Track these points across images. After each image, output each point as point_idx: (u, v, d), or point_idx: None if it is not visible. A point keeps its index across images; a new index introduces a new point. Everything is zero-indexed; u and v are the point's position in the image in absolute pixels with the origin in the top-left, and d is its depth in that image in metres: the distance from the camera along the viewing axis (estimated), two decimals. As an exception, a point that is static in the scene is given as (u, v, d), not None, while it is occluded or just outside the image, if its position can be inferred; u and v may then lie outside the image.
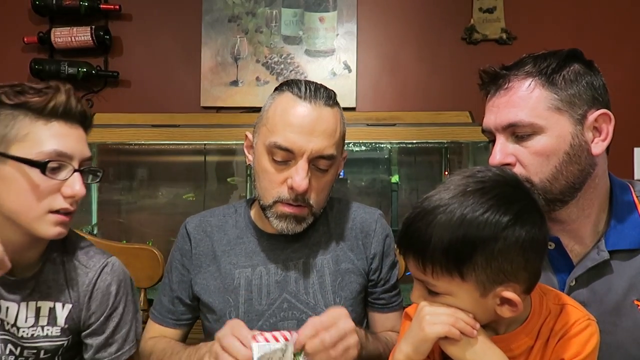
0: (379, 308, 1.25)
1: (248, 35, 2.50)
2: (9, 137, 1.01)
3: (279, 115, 1.12)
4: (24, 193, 1.01)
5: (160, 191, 2.50)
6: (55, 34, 2.44)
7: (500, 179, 0.87)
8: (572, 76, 1.01)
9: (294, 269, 1.18)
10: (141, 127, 2.18)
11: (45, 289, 1.10)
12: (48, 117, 1.03)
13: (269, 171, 1.13)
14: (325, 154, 1.11)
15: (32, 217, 1.02)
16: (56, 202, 1.03)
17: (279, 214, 1.14)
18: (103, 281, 1.13)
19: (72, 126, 1.05)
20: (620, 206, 1.06)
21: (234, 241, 1.22)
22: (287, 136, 1.10)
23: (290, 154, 1.10)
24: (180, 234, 1.28)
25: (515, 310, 0.85)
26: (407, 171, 2.48)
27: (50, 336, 1.10)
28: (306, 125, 1.10)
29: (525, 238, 0.82)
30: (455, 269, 0.83)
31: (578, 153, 1.00)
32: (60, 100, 1.03)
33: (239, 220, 1.25)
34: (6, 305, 1.07)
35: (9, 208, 1.02)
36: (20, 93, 1.02)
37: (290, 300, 1.15)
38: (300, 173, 1.09)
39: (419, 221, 0.85)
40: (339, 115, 1.17)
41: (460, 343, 0.86)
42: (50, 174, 1.01)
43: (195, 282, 1.21)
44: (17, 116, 1.01)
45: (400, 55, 2.51)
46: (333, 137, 1.13)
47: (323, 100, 1.13)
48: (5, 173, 1.01)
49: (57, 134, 1.03)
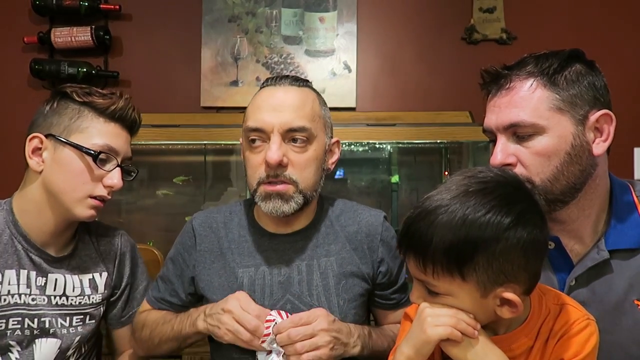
0: (391, 307, 1.26)
1: (248, 35, 2.50)
2: (72, 127, 1.19)
3: (251, 105, 1.20)
4: (73, 175, 1.19)
5: (160, 191, 2.50)
6: (55, 34, 2.43)
7: (502, 180, 0.87)
8: (574, 76, 1.01)
9: (297, 270, 1.18)
10: (141, 127, 2.17)
11: (82, 264, 1.28)
12: (107, 118, 1.22)
13: (249, 157, 1.17)
14: (294, 126, 1.14)
15: (75, 197, 1.19)
16: (97, 189, 1.20)
17: (263, 195, 1.15)
18: (126, 246, 1.36)
19: (123, 129, 1.25)
20: (620, 206, 1.06)
21: (237, 239, 1.22)
22: (256, 117, 1.15)
23: (263, 133, 1.14)
24: (185, 228, 1.29)
25: (515, 311, 0.85)
26: (407, 171, 2.48)
27: (95, 303, 1.28)
28: (272, 103, 1.15)
29: (527, 239, 0.82)
30: (456, 269, 0.83)
31: (579, 153, 1.00)
32: (120, 105, 1.23)
33: (242, 218, 1.26)
34: (54, 277, 1.23)
35: (57, 187, 1.19)
36: (88, 94, 1.21)
37: (293, 301, 1.15)
38: (272, 147, 1.12)
39: (420, 221, 0.85)
40: (309, 94, 1.20)
41: (461, 344, 0.86)
42: (99, 163, 1.19)
43: (200, 278, 1.21)
44: (83, 111, 1.21)
45: (400, 55, 2.51)
46: (302, 109, 1.16)
47: (289, 81, 1.19)
48: (62, 156, 1.19)
49: (111, 133, 1.22)
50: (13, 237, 1.20)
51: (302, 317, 1.08)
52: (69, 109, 1.20)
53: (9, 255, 1.19)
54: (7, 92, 2.51)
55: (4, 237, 1.20)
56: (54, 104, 1.22)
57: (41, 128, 1.20)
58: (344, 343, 1.10)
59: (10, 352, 1.18)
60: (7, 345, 1.17)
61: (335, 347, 1.08)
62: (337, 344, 1.09)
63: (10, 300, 1.18)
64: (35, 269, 1.21)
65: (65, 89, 1.22)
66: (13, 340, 1.18)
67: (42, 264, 1.22)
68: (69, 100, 1.21)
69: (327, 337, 1.07)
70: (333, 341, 1.08)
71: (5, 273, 1.18)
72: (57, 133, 1.19)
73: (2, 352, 1.18)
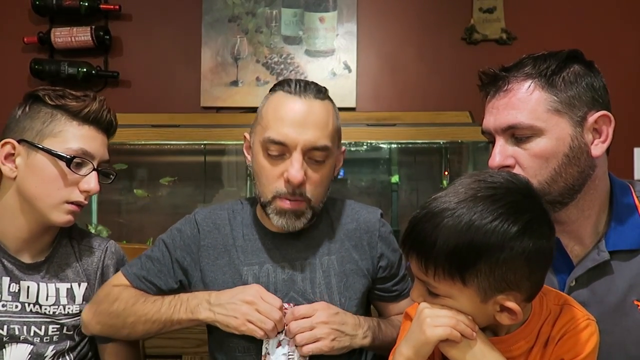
0: (393, 298, 1.27)
1: (248, 35, 2.50)
2: (45, 132, 1.16)
3: (271, 112, 1.16)
4: (48, 181, 1.15)
5: (160, 191, 2.50)
6: (55, 34, 2.43)
7: (512, 187, 0.86)
8: (572, 78, 1.00)
9: (300, 268, 1.19)
10: (141, 127, 2.18)
11: (60, 272, 1.23)
12: (81, 121, 1.18)
13: (265, 167, 1.15)
14: (318, 145, 1.13)
15: (49, 203, 1.16)
16: (73, 194, 1.17)
17: (278, 210, 1.15)
18: (111, 259, 1.29)
19: (98, 132, 1.21)
20: (620, 207, 1.06)
21: (241, 237, 1.23)
22: (279, 130, 1.13)
23: (284, 147, 1.13)
24: (187, 219, 1.26)
25: (514, 319, 0.85)
26: (407, 171, 2.48)
27: (71, 313, 1.22)
28: (297, 118, 1.13)
29: (532, 249, 0.81)
30: (458, 274, 0.82)
31: (577, 155, 0.99)
32: (94, 108, 1.19)
33: (245, 217, 1.26)
34: (27, 285, 1.19)
35: (31, 193, 1.16)
36: (61, 96, 1.17)
37: (297, 299, 1.16)
38: (295, 165, 1.11)
39: (425, 222, 0.84)
40: (330, 109, 1.19)
41: (460, 345, 0.86)
42: (73, 168, 1.16)
43: (206, 274, 1.20)
44: (55, 115, 1.17)
45: (400, 55, 2.51)
46: (325, 128, 1.15)
47: (313, 94, 1.16)
48: (35, 162, 1.15)
49: (85, 136, 1.18)
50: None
51: (301, 310, 1.10)
52: (41, 113, 1.17)
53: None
54: (7, 92, 2.50)
55: None
56: (26, 108, 1.18)
57: (13, 133, 1.17)
58: (350, 335, 1.11)
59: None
60: None
61: (337, 338, 1.09)
62: (341, 336, 1.10)
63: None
64: (8, 275, 1.18)
65: (37, 92, 1.18)
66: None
67: (14, 270, 1.19)
68: (41, 104, 1.17)
69: (326, 329, 1.08)
70: (334, 333, 1.09)
71: None
72: (30, 138, 1.15)
73: None
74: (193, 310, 1.13)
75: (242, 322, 1.08)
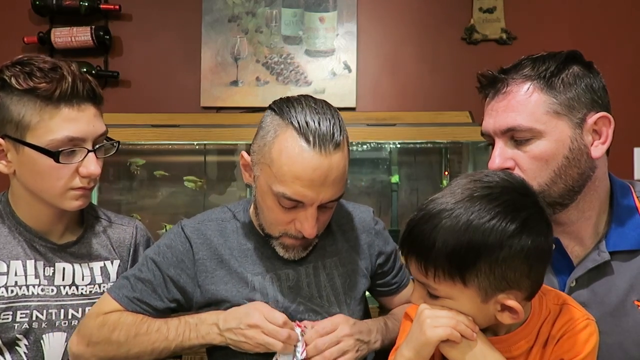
0: (394, 291, 1.29)
1: (248, 35, 2.50)
2: (23, 124, 1.05)
3: (285, 164, 1.03)
4: (43, 175, 1.08)
5: (160, 191, 2.50)
6: (55, 34, 2.43)
7: (508, 185, 0.86)
8: (571, 79, 1.00)
9: (304, 273, 1.18)
10: (141, 127, 2.18)
11: (93, 252, 1.21)
12: (56, 103, 1.05)
13: (274, 211, 1.09)
14: (334, 198, 1.09)
15: (54, 194, 1.10)
16: (74, 182, 1.10)
17: (285, 245, 1.14)
18: (142, 236, 1.29)
19: (81, 108, 1.08)
20: (620, 207, 1.06)
21: (238, 247, 1.18)
22: (296, 190, 1.03)
23: (300, 202, 1.06)
24: (174, 233, 1.18)
25: (515, 317, 0.85)
26: (407, 171, 2.48)
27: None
28: (317, 179, 1.03)
29: (531, 247, 0.82)
30: (458, 274, 0.82)
31: (577, 157, 0.99)
32: (65, 86, 1.05)
33: (237, 225, 1.21)
34: (62, 266, 1.17)
35: (32, 186, 1.11)
36: (29, 75, 1.04)
37: (305, 304, 1.15)
38: (310, 221, 1.07)
39: (423, 224, 0.85)
40: (346, 152, 1.09)
41: (460, 346, 0.86)
42: (64, 159, 1.07)
43: (206, 289, 1.15)
44: (27, 103, 1.05)
45: (400, 55, 2.51)
46: (342, 180, 1.08)
47: (332, 145, 1.04)
48: (25, 157, 1.08)
49: (66, 119, 1.06)
50: (13, 227, 1.15)
51: (325, 326, 1.09)
52: (13, 101, 1.05)
53: (13, 247, 1.14)
54: (7, 92, 2.51)
55: (4, 229, 1.15)
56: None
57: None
58: (366, 342, 1.13)
59: (18, 347, 1.12)
60: (15, 339, 1.11)
61: (359, 349, 1.11)
62: (362, 345, 1.11)
63: (18, 292, 1.12)
64: (42, 258, 1.15)
65: (3, 74, 1.06)
66: (20, 334, 1.12)
67: (48, 253, 1.16)
68: (9, 89, 1.05)
69: (351, 342, 1.09)
70: (357, 344, 1.10)
71: (11, 264, 1.13)
72: (12, 133, 1.06)
73: (10, 347, 1.11)
74: (204, 336, 1.10)
75: (254, 345, 1.07)
